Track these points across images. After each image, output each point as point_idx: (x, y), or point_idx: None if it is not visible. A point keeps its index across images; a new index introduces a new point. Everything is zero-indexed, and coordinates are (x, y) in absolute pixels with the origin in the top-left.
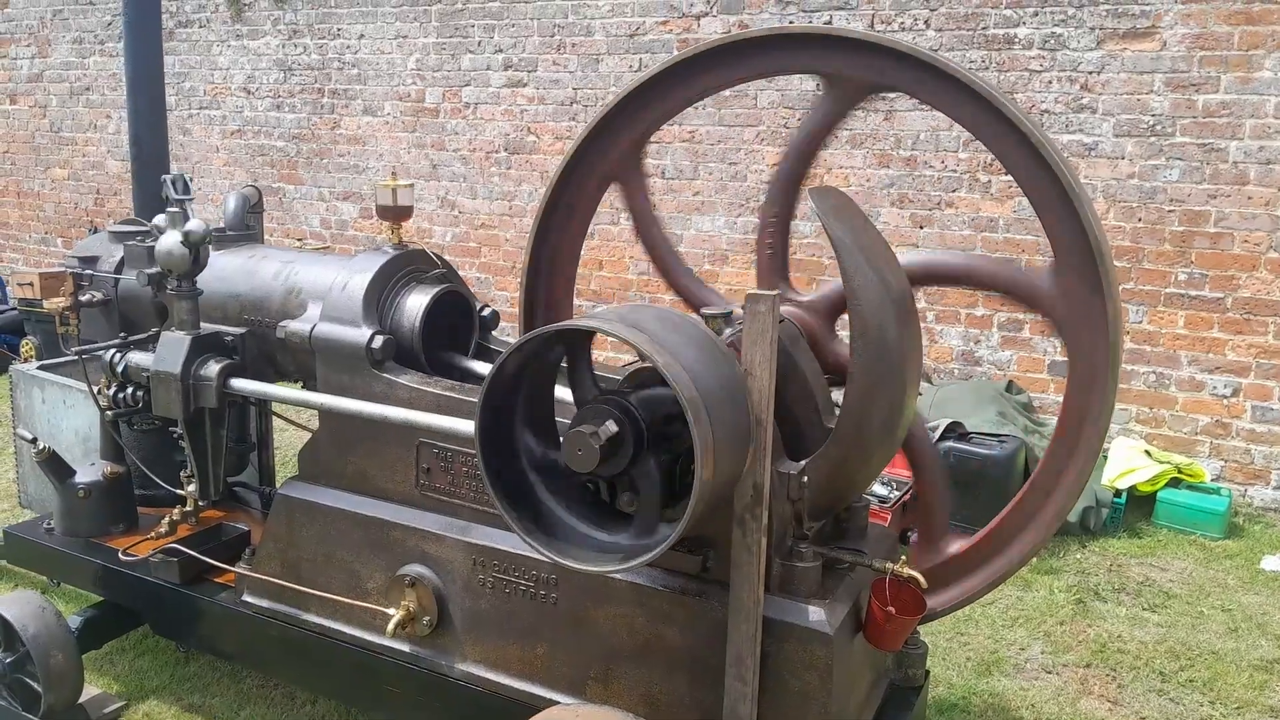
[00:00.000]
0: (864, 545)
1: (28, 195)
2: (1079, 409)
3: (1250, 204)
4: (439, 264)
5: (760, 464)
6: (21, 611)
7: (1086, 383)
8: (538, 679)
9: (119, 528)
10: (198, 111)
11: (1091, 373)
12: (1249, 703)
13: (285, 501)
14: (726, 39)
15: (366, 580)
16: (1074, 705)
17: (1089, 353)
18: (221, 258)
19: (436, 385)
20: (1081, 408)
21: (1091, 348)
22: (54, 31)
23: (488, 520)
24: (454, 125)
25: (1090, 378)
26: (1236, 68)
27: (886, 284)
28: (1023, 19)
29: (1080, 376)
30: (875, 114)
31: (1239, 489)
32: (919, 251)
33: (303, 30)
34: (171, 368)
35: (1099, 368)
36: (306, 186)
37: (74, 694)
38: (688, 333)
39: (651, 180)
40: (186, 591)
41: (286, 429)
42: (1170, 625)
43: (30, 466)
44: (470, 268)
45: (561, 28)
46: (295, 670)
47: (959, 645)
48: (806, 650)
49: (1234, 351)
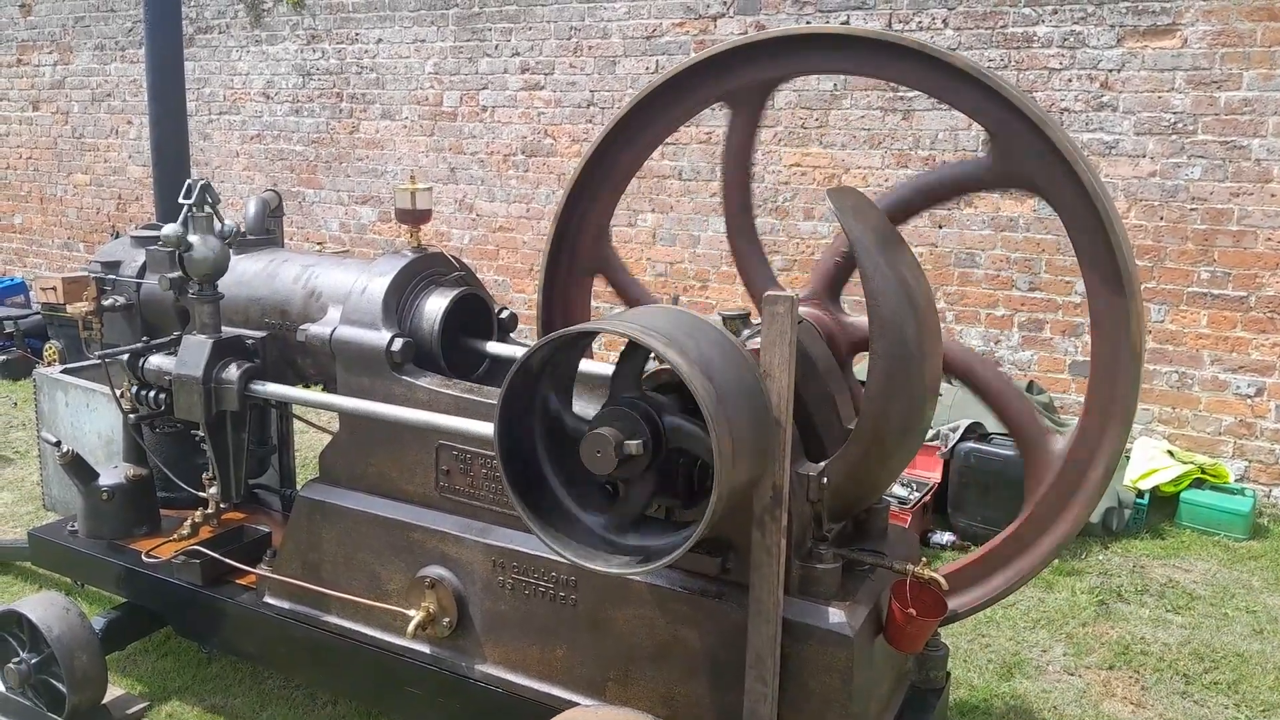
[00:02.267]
0: (884, 547)
1: (50, 201)
2: (1101, 409)
3: (1273, 201)
4: (457, 267)
5: (779, 466)
6: (46, 613)
7: (1109, 383)
8: (557, 680)
9: (142, 530)
10: (218, 117)
11: (1114, 372)
12: (1275, 705)
13: (306, 503)
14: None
15: (387, 582)
16: (1097, 708)
17: (1111, 353)
18: (242, 262)
19: (455, 387)
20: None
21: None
22: (76, 38)
23: (507, 522)
24: (471, 128)
25: (1113, 377)
26: (1259, 64)
27: (906, 284)
28: (1042, 17)
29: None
30: (893, 114)
31: (1263, 489)
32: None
33: (321, 35)
34: (193, 371)
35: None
36: (326, 190)
37: (98, 695)
38: (706, 335)
39: (669, 181)
40: (209, 593)
41: (307, 431)
42: (1194, 627)
43: (54, 469)
44: (488, 270)
45: (578, 30)
46: (316, 671)
47: (980, 647)
48: (827, 652)
49: (1258, 351)
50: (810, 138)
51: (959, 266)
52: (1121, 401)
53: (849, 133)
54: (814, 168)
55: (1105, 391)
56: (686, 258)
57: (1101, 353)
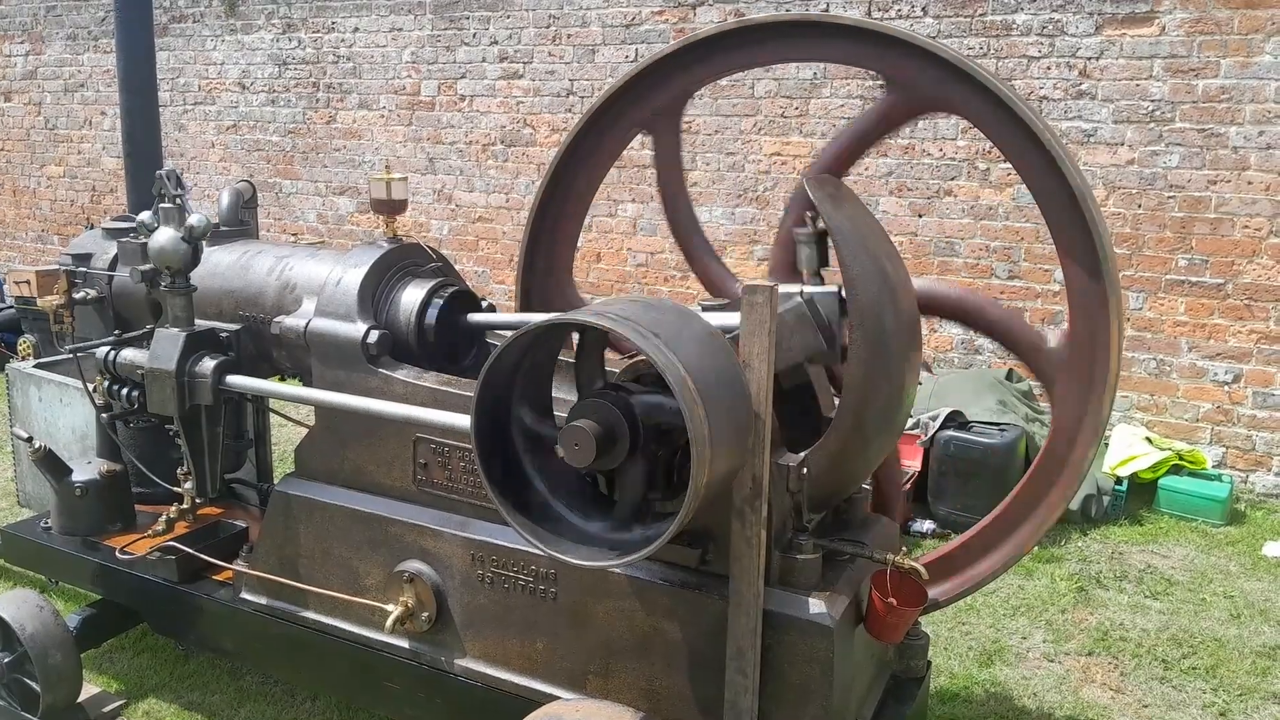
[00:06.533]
0: (864, 536)
1: (23, 193)
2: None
3: (1251, 189)
4: (435, 258)
5: (759, 456)
6: (19, 611)
7: (1086, 372)
8: (538, 674)
9: (116, 526)
10: (193, 107)
11: (1091, 363)
12: (1252, 689)
13: (282, 498)
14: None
15: (365, 576)
16: (1076, 694)
17: (1089, 341)
18: (216, 253)
19: (433, 380)
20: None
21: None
22: (48, 28)
23: (486, 515)
24: (450, 118)
25: (1090, 368)
26: (1236, 52)
27: (884, 273)
28: (1021, 5)
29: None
30: (873, 102)
31: (1240, 475)
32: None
33: (297, 24)
34: (166, 365)
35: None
36: (302, 181)
37: (73, 693)
38: (685, 324)
39: (649, 171)
40: (184, 589)
41: (284, 425)
42: (1172, 612)
43: (28, 465)
44: (468, 261)
45: (557, 19)
46: (294, 667)
47: (960, 635)
48: (807, 643)
49: (1235, 338)
50: (790, 127)
51: (939, 255)
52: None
53: (829, 121)
54: (794, 157)
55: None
56: (667, 248)
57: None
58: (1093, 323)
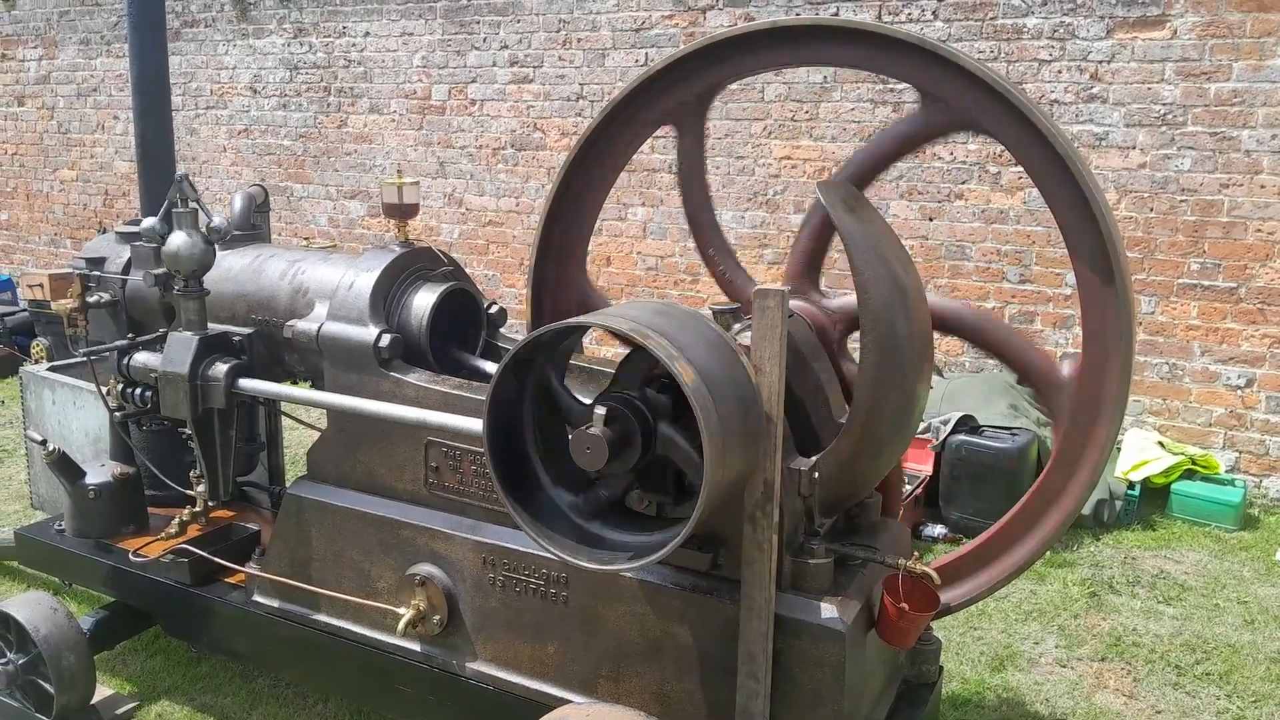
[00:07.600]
0: (876, 541)
1: (37, 197)
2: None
3: (1263, 193)
4: (446, 262)
5: (770, 460)
6: (33, 613)
7: (1099, 375)
8: (549, 678)
9: (129, 528)
10: (204, 111)
11: (1104, 365)
12: (1266, 695)
13: (294, 501)
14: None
15: (376, 580)
16: (1089, 699)
17: (1102, 344)
18: (229, 257)
19: (444, 383)
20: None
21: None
22: (61, 33)
23: (497, 519)
24: (460, 122)
25: (1103, 370)
26: (1248, 55)
27: (896, 278)
28: (1031, 8)
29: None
30: (884, 106)
31: (1254, 480)
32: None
33: (308, 29)
34: (179, 368)
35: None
36: (314, 185)
37: (86, 695)
38: (696, 329)
39: (659, 175)
40: (197, 592)
41: (296, 428)
42: (1185, 618)
43: (42, 468)
44: (478, 265)
45: (567, 23)
46: (306, 670)
47: (973, 640)
48: (819, 647)
49: (1248, 342)
50: (800, 130)
51: (949, 259)
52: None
53: (839, 125)
54: (804, 160)
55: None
56: (677, 251)
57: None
58: (1105, 335)
